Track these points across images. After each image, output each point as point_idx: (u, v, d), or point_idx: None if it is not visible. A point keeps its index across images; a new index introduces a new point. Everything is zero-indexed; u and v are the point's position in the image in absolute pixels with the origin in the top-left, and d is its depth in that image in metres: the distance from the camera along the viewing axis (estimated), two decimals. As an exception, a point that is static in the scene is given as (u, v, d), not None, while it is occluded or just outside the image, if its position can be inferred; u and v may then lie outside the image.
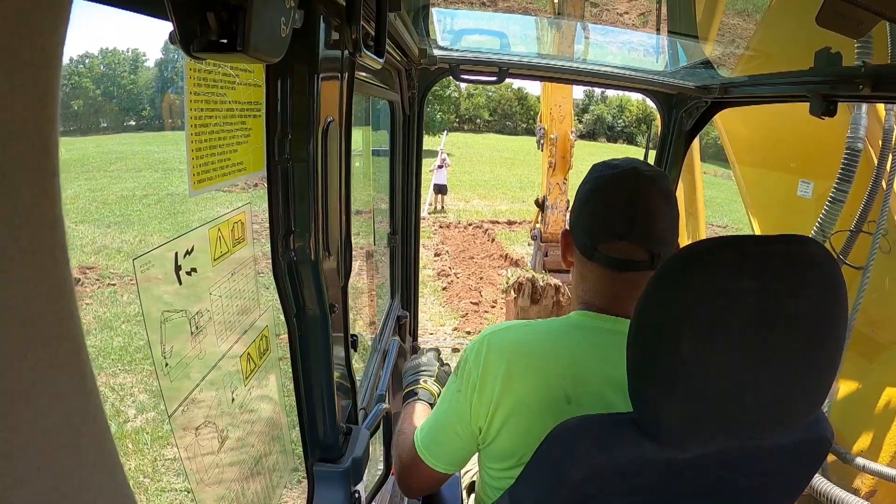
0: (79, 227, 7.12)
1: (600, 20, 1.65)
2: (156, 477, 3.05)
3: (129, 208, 8.02)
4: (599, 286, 0.99)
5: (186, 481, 0.66)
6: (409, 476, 1.10)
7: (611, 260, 0.96)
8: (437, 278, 7.81)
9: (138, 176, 9.83)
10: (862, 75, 1.19)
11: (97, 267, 5.88)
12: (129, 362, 4.21)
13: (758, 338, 0.66)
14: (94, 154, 11.56)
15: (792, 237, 0.68)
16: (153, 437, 3.35)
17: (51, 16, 0.24)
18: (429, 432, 1.05)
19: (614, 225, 0.96)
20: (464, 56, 2.01)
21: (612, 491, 0.74)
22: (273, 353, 0.88)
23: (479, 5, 1.68)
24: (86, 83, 15.58)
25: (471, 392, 0.95)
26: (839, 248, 2.23)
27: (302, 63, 0.70)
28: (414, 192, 2.32)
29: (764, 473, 0.79)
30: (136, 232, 7.04)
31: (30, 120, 0.24)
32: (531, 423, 0.90)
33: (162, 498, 2.91)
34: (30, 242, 0.24)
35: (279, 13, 0.49)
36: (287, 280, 0.82)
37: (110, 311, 5.04)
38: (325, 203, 0.79)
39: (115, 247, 6.50)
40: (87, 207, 7.93)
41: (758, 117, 2.77)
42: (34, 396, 0.25)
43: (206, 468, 0.70)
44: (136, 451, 3.22)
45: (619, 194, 0.97)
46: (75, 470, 0.27)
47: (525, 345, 0.94)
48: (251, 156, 0.72)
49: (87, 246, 6.51)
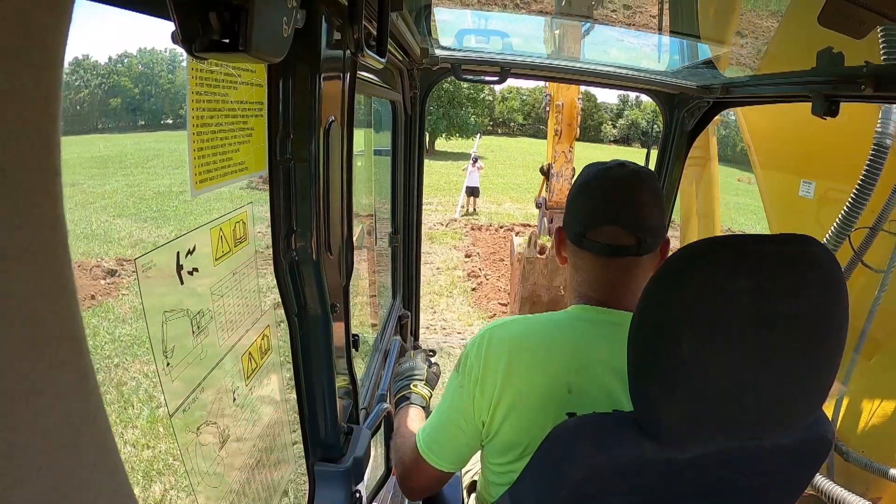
0: (116, 220, 7.25)
1: (633, 23, 1.65)
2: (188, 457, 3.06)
3: (166, 204, 8.17)
4: (593, 275, 1.02)
5: (188, 479, 0.66)
6: (411, 478, 1.11)
7: (600, 246, 0.99)
8: (466, 279, 7.85)
9: (174, 173, 9.95)
10: (864, 75, 1.19)
11: (133, 259, 5.95)
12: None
13: (758, 337, 0.66)
14: (132, 151, 11.87)
15: (793, 237, 0.68)
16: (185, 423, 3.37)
17: (53, 15, 0.24)
18: (431, 432, 1.05)
19: (602, 212, 1.00)
20: (466, 56, 2.01)
21: (612, 491, 0.74)
22: (274, 353, 0.88)
23: (481, 5, 1.68)
24: (124, 82, 15.91)
25: (473, 386, 0.96)
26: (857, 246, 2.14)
27: (304, 63, 0.70)
28: (415, 191, 2.32)
29: (764, 473, 0.79)
30: (172, 227, 7.11)
31: (32, 120, 0.24)
32: (533, 416, 0.91)
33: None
34: (31, 242, 0.24)
35: (281, 13, 0.49)
36: (288, 279, 0.82)
37: (146, 302, 5.10)
38: (326, 203, 0.79)
39: (150, 241, 6.59)
40: (125, 202, 8.11)
41: (780, 114, 2.72)
42: (35, 396, 0.25)
43: (207, 467, 0.70)
44: (168, 435, 3.22)
45: (606, 185, 1.02)
46: (76, 470, 0.27)
47: (526, 338, 0.95)
48: (253, 155, 0.72)
49: (125, 239, 6.64)
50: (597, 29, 1.73)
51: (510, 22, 1.92)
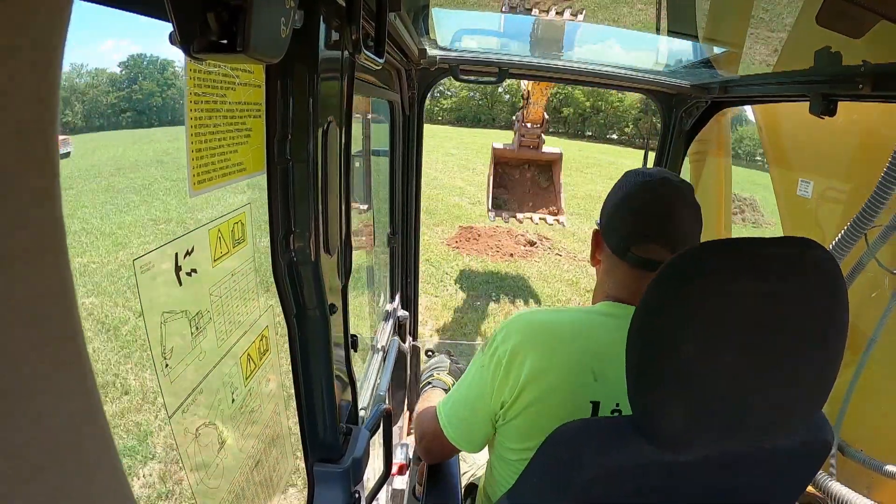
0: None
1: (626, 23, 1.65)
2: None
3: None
4: (627, 282, 1.05)
5: (188, 480, 0.66)
6: (431, 444, 1.19)
7: (642, 260, 1.03)
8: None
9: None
10: (862, 74, 1.19)
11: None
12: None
13: (758, 340, 0.66)
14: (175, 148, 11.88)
15: (793, 239, 0.68)
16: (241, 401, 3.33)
17: (52, 16, 0.24)
18: (452, 406, 1.11)
19: (646, 229, 1.04)
20: (463, 56, 2.01)
21: (616, 494, 0.74)
22: (273, 354, 0.88)
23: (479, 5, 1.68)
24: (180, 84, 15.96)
25: (496, 368, 0.99)
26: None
27: (302, 63, 0.70)
28: (414, 192, 2.33)
29: (765, 475, 0.79)
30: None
31: (31, 120, 0.24)
32: (558, 404, 0.94)
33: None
34: (30, 242, 0.24)
35: (279, 13, 0.49)
36: (287, 280, 0.82)
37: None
38: (324, 203, 0.79)
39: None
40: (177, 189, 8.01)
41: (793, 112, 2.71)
42: (36, 396, 0.25)
43: (207, 468, 0.70)
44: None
45: (650, 201, 1.05)
46: (77, 469, 0.27)
47: (556, 329, 0.99)
48: (251, 156, 0.72)
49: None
50: (592, 29, 1.73)
51: (508, 22, 1.92)
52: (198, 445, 0.67)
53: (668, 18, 1.54)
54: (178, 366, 0.62)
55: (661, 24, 1.56)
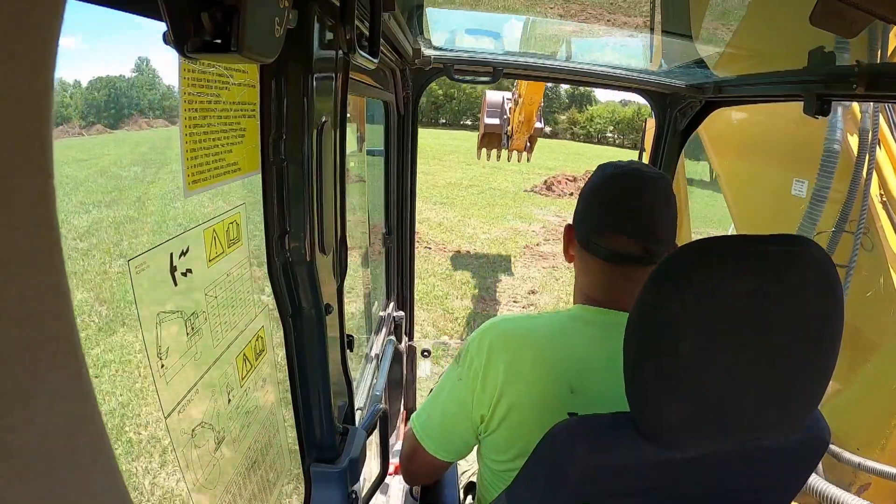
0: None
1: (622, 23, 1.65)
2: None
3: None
4: (597, 278, 1.02)
5: (184, 481, 0.66)
6: (410, 462, 1.12)
7: (608, 252, 0.99)
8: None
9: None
10: (855, 74, 1.20)
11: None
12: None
13: (755, 338, 0.66)
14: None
15: (789, 237, 0.68)
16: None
17: (45, 16, 0.24)
18: (427, 419, 1.06)
19: (615, 220, 1.00)
20: (458, 56, 2.01)
21: (611, 492, 0.74)
22: (269, 354, 0.87)
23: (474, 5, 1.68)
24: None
25: (473, 381, 0.96)
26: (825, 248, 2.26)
27: (296, 63, 0.70)
28: (409, 192, 2.32)
29: (762, 474, 0.79)
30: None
31: (25, 121, 0.24)
32: (535, 414, 0.91)
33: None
34: (25, 243, 0.24)
35: (273, 13, 0.49)
36: (282, 281, 0.82)
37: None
38: (319, 203, 0.79)
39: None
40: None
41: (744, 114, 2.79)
42: (31, 397, 0.24)
43: (203, 470, 0.69)
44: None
45: (621, 192, 1.01)
46: (72, 471, 0.27)
47: (529, 335, 0.96)
48: (246, 156, 0.72)
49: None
50: (591, 29, 1.73)
51: (503, 22, 1.93)
52: (194, 446, 0.67)
53: (662, 18, 1.55)
54: (174, 366, 0.62)
55: (655, 23, 1.57)
